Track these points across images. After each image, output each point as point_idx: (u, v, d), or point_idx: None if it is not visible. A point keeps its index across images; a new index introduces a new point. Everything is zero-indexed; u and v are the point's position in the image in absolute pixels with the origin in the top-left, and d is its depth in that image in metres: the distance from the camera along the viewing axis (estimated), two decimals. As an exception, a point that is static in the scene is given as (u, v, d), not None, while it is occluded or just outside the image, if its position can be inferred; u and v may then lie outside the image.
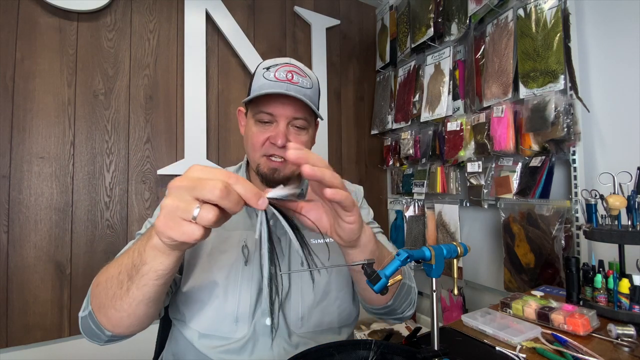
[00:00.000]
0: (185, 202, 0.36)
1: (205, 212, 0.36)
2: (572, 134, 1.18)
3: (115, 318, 0.51)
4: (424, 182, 1.80)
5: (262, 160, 0.70)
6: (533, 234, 1.28)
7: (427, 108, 1.78)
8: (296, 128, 0.70)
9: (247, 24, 1.82)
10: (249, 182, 0.39)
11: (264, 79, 0.68)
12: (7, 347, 1.24)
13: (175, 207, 0.36)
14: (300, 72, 0.70)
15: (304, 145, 0.70)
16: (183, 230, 0.37)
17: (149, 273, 0.45)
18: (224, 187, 0.36)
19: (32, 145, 1.32)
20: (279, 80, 0.67)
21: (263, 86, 0.68)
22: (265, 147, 0.69)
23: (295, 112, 0.68)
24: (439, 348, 0.49)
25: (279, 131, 0.67)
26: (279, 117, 0.68)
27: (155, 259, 0.43)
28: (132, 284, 0.47)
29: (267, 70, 0.69)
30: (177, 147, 1.59)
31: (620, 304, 0.79)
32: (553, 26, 1.23)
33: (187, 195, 0.36)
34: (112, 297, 0.49)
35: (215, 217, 0.36)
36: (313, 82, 0.72)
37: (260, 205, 0.38)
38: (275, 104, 0.67)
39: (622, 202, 0.83)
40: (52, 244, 1.33)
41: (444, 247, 0.52)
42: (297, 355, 0.50)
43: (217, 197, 0.35)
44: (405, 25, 1.98)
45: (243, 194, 0.38)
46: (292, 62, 0.72)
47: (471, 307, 1.61)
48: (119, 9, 1.50)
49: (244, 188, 0.38)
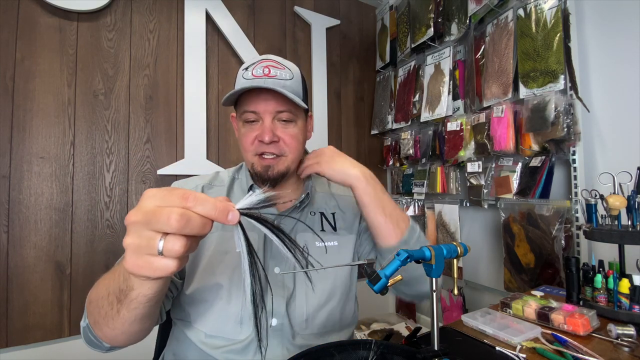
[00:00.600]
0: (145, 239, 0.33)
1: (170, 245, 0.33)
2: (572, 134, 1.18)
3: (110, 335, 0.51)
4: (424, 182, 1.80)
5: (255, 159, 0.70)
6: (533, 234, 1.28)
7: (427, 108, 1.78)
8: (282, 122, 0.69)
9: (247, 24, 1.82)
10: (211, 199, 0.34)
11: (243, 79, 0.68)
12: (7, 347, 1.24)
13: (137, 246, 0.34)
14: (277, 65, 0.68)
15: (293, 138, 0.70)
16: (154, 267, 0.34)
17: (138, 297, 0.42)
18: (180, 215, 0.32)
19: (32, 145, 1.32)
20: (255, 77, 0.66)
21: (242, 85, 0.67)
22: (255, 146, 0.69)
23: (278, 106, 0.67)
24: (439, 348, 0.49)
25: (264, 128, 0.67)
26: (262, 114, 0.67)
27: (142, 286, 0.41)
28: (121, 307, 0.45)
29: (246, 70, 0.68)
30: (177, 147, 1.59)
31: (620, 304, 0.79)
32: (553, 26, 1.23)
33: (145, 231, 0.33)
34: (104, 317, 0.48)
35: (182, 247, 0.33)
36: (294, 72, 0.71)
37: (230, 221, 0.35)
38: (257, 100, 0.67)
39: (622, 202, 0.83)
40: (52, 244, 1.33)
41: (444, 247, 0.52)
42: (298, 355, 0.50)
43: (175, 228, 0.32)
44: (405, 25, 1.98)
45: (207, 214, 0.34)
46: (269, 57, 0.70)
47: (471, 307, 1.61)
48: (119, 9, 1.50)
49: (206, 207, 0.33)
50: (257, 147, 0.68)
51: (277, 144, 0.68)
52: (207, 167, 1.61)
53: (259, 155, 0.69)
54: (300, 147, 0.73)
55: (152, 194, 0.34)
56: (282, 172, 0.70)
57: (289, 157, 0.70)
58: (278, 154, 0.69)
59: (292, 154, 0.71)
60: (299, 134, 0.72)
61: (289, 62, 0.72)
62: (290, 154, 0.70)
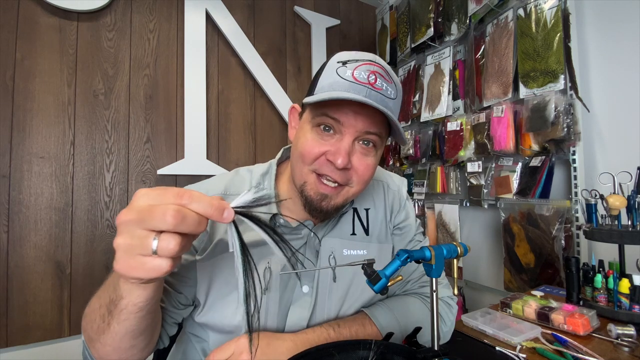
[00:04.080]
0: (138, 238, 0.32)
1: (165, 243, 0.31)
2: (572, 134, 1.18)
3: (102, 352, 0.47)
4: (424, 182, 1.80)
5: (310, 178, 0.56)
6: (533, 234, 1.28)
7: (427, 108, 1.78)
8: (364, 146, 0.55)
9: (247, 24, 1.82)
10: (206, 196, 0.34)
11: (338, 75, 0.53)
12: (7, 347, 1.24)
13: (129, 246, 0.32)
14: (385, 75, 0.54)
15: (368, 169, 0.57)
16: (148, 267, 0.32)
17: (127, 307, 0.40)
18: (176, 211, 0.31)
19: (32, 145, 1.32)
20: (357, 81, 0.52)
21: (334, 85, 0.53)
22: (319, 162, 0.55)
23: (369, 126, 0.54)
24: (438, 348, 0.49)
25: (341, 147, 0.53)
26: (346, 129, 0.53)
27: (132, 293, 0.39)
28: (112, 319, 0.42)
29: (343, 66, 0.54)
30: (177, 147, 1.59)
31: (620, 304, 0.79)
32: (553, 26, 1.23)
33: (138, 229, 0.32)
34: (97, 331, 0.45)
35: (177, 245, 0.32)
36: (398, 90, 0.56)
37: (225, 218, 0.34)
38: (347, 110, 0.52)
39: (622, 202, 0.83)
40: (52, 244, 1.33)
41: (444, 247, 0.52)
42: (298, 355, 0.50)
43: (172, 225, 0.31)
44: (405, 25, 1.98)
45: (203, 212, 0.33)
46: (376, 60, 0.56)
47: (471, 307, 1.61)
48: (119, 9, 1.50)
49: (202, 204, 0.33)
50: (322, 165, 0.55)
51: (347, 172, 0.55)
52: (207, 167, 1.61)
53: (318, 175, 0.56)
54: (370, 180, 0.59)
55: (145, 192, 0.33)
56: (339, 206, 0.58)
57: (352, 190, 0.58)
58: (342, 183, 0.56)
59: (358, 185, 0.57)
60: (375, 165, 0.59)
61: (394, 74, 0.57)
62: (356, 185, 0.57)
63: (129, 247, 0.32)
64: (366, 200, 0.72)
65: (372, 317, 0.64)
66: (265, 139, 1.84)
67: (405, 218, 0.75)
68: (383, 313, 0.65)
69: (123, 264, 0.33)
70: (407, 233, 0.75)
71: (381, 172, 0.78)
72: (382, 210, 0.73)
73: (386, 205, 0.73)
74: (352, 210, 0.69)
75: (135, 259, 0.32)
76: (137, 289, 0.38)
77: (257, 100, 1.83)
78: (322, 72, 0.57)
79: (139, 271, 0.33)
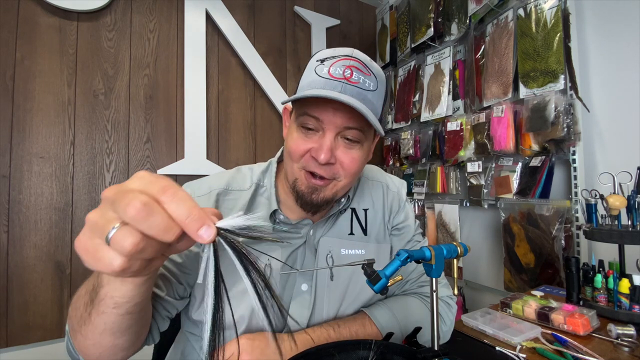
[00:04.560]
0: (104, 219, 0.28)
1: (120, 235, 0.27)
2: (572, 134, 1.18)
3: (82, 345, 0.44)
4: (424, 182, 1.80)
5: (300, 174, 0.58)
6: (533, 234, 1.28)
7: (427, 108, 1.78)
8: (347, 141, 0.56)
9: (247, 24, 1.82)
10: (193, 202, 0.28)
11: (315, 74, 0.55)
12: (7, 347, 1.24)
13: (94, 224, 0.28)
14: (362, 68, 0.55)
15: (354, 161, 0.57)
16: (98, 256, 0.28)
17: (105, 299, 0.37)
18: (141, 205, 0.26)
19: (32, 145, 1.32)
20: (333, 77, 0.53)
21: (312, 83, 0.54)
22: (305, 159, 0.57)
23: (348, 121, 0.54)
24: (438, 348, 0.49)
25: (323, 144, 0.54)
26: (326, 125, 0.54)
27: (110, 283, 0.36)
28: (92, 309, 0.39)
29: (321, 64, 0.55)
30: (177, 147, 1.59)
31: (620, 304, 0.79)
32: (553, 26, 1.23)
33: (110, 211, 0.28)
34: (79, 320, 0.42)
35: (132, 245, 0.26)
36: (379, 81, 0.57)
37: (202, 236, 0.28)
38: (325, 107, 0.53)
39: (622, 202, 0.83)
40: (52, 244, 1.33)
41: (444, 247, 0.52)
42: (297, 355, 0.50)
43: (130, 218, 0.26)
44: (405, 25, 1.98)
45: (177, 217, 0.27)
46: (354, 54, 0.56)
47: (471, 307, 1.61)
48: (119, 9, 1.50)
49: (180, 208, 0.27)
50: (307, 162, 0.57)
51: (332, 166, 0.57)
52: (207, 167, 1.61)
53: (306, 171, 0.57)
54: (358, 172, 0.60)
55: (142, 175, 0.29)
56: (328, 199, 0.59)
57: (340, 183, 0.59)
58: (329, 177, 0.57)
59: (346, 179, 0.58)
60: (361, 158, 0.59)
61: (375, 66, 0.58)
62: (344, 178, 0.58)
63: (93, 226, 0.28)
64: (365, 201, 0.72)
65: (372, 317, 0.64)
66: (265, 139, 1.84)
67: (405, 219, 0.75)
68: (383, 313, 0.66)
69: (81, 241, 0.28)
70: (406, 233, 0.75)
71: (381, 174, 0.79)
72: (381, 210, 0.73)
73: (385, 205, 0.74)
74: (350, 211, 0.70)
75: (93, 241, 0.28)
76: (115, 281, 0.36)
77: (257, 100, 1.83)
78: (304, 72, 0.59)
79: (88, 255, 0.28)
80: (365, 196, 0.73)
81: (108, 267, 0.28)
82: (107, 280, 0.36)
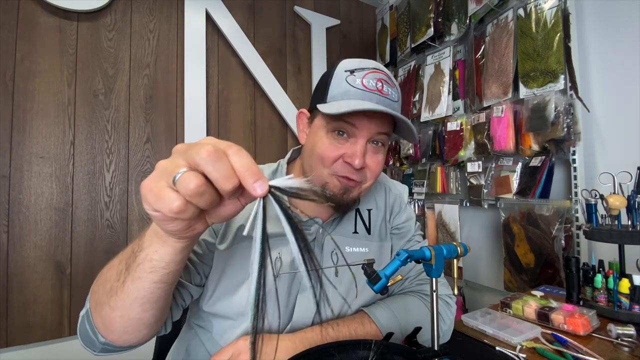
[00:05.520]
0: (173, 165, 0.31)
1: (186, 176, 0.29)
2: (572, 134, 1.18)
3: (108, 318, 0.46)
4: (424, 182, 1.80)
5: (332, 179, 0.61)
6: (533, 234, 1.28)
7: (427, 108, 1.78)
8: (374, 145, 0.61)
9: (247, 24, 1.82)
10: (252, 160, 0.31)
11: (348, 84, 0.58)
12: (7, 347, 1.24)
13: (163, 169, 0.32)
14: (389, 81, 0.60)
15: (379, 165, 0.63)
16: (161, 194, 0.31)
17: (143, 262, 0.40)
18: (213, 149, 0.29)
19: (32, 145, 1.32)
20: (367, 89, 0.58)
21: (347, 93, 0.58)
22: (337, 165, 0.60)
23: (380, 127, 0.59)
24: (438, 348, 0.49)
25: (356, 150, 0.58)
26: (360, 132, 0.58)
27: (151, 245, 0.39)
28: (128, 275, 0.42)
29: (352, 75, 0.59)
30: (177, 147, 1.59)
31: (620, 303, 0.79)
32: (553, 26, 1.23)
33: (179, 158, 0.31)
34: (108, 291, 0.44)
35: (196, 185, 0.29)
36: (399, 93, 0.63)
37: (256, 189, 0.29)
38: (360, 116, 0.57)
39: (622, 202, 0.83)
40: (52, 244, 1.33)
41: (444, 247, 0.52)
42: (298, 355, 0.50)
43: (202, 159, 0.29)
44: (405, 25, 1.98)
45: (238, 168, 0.30)
46: (380, 67, 0.62)
47: (471, 307, 1.61)
48: (119, 9, 1.50)
49: (242, 162, 0.30)
50: (342, 168, 0.60)
51: (363, 170, 0.61)
52: (207, 167, 1.61)
53: (338, 176, 0.60)
54: (380, 174, 0.66)
55: (210, 137, 0.33)
56: (355, 198, 0.64)
57: (365, 185, 0.63)
58: (359, 180, 0.61)
59: (370, 180, 0.63)
60: (383, 161, 0.64)
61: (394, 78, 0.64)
62: (369, 180, 0.63)
63: (162, 170, 0.32)
64: (369, 201, 0.76)
65: (371, 316, 0.65)
66: (265, 139, 1.84)
67: (405, 220, 0.78)
68: (382, 312, 0.66)
69: (148, 182, 0.32)
70: (406, 233, 0.78)
71: (385, 178, 0.82)
72: (383, 210, 0.77)
73: (387, 205, 0.77)
74: (354, 211, 0.73)
75: (159, 183, 0.31)
76: (157, 242, 0.38)
77: (257, 100, 1.83)
78: (330, 80, 0.61)
79: (152, 194, 0.31)
80: (369, 197, 0.76)
81: (167, 205, 0.30)
82: (148, 243, 0.39)
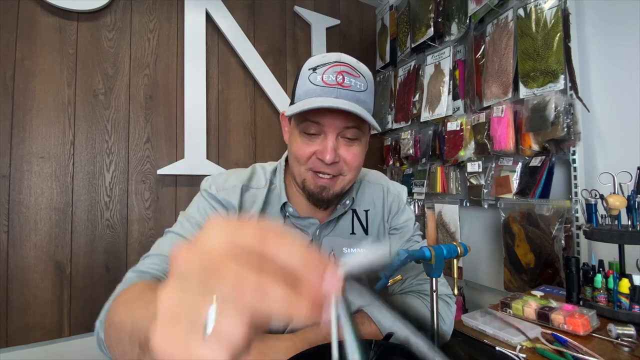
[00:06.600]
0: (191, 304, 0.18)
1: (226, 323, 0.17)
2: (572, 134, 1.18)
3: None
4: (424, 182, 1.80)
5: (308, 175, 0.63)
6: (533, 234, 1.28)
7: (427, 108, 1.78)
8: (347, 139, 0.61)
9: (247, 24, 1.82)
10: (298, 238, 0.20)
11: (310, 82, 0.59)
12: (7, 347, 1.24)
13: (176, 315, 0.18)
14: (352, 71, 0.60)
15: (356, 157, 0.63)
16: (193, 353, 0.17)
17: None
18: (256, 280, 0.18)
19: (32, 145, 1.32)
20: (327, 84, 0.58)
21: (309, 92, 0.59)
22: (311, 161, 0.62)
23: (347, 122, 0.59)
24: (439, 348, 0.49)
25: (326, 146, 0.59)
26: (327, 129, 0.59)
27: None
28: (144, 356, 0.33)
29: (314, 72, 0.59)
30: (177, 147, 1.59)
31: (620, 303, 0.79)
32: (553, 26, 1.23)
33: (197, 288, 0.18)
34: (122, 354, 0.40)
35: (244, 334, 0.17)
36: (368, 81, 0.62)
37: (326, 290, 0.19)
38: (324, 112, 0.58)
39: (622, 202, 0.83)
40: (52, 244, 1.33)
41: (444, 247, 0.52)
42: (297, 355, 0.50)
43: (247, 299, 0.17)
44: (405, 25, 1.98)
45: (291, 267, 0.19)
46: (342, 59, 0.61)
47: (471, 307, 1.61)
48: (119, 8, 1.50)
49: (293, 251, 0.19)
50: (314, 163, 0.62)
51: (337, 164, 0.62)
52: (207, 167, 1.61)
53: (313, 172, 0.62)
54: (360, 165, 0.66)
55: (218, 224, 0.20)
56: (338, 193, 0.65)
57: (346, 177, 0.64)
58: (335, 174, 0.63)
59: (350, 173, 0.64)
60: (361, 152, 0.64)
61: (363, 66, 0.63)
62: (349, 173, 0.64)
63: (175, 315, 0.18)
64: (366, 202, 0.76)
65: (371, 316, 0.65)
66: (265, 139, 1.84)
67: (405, 220, 0.78)
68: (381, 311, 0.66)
69: (166, 337, 0.18)
70: (405, 233, 0.78)
71: (384, 178, 0.82)
72: (381, 210, 0.77)
73: (385, 206, 0.77)
74: (351, 212, 0.73)
75: (180, 333, 0.18)
76: None
77: (257, 100, 1.83)
78: (297, 80, 0.63)
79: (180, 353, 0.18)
80: (366, 197, 0.77)
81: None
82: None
